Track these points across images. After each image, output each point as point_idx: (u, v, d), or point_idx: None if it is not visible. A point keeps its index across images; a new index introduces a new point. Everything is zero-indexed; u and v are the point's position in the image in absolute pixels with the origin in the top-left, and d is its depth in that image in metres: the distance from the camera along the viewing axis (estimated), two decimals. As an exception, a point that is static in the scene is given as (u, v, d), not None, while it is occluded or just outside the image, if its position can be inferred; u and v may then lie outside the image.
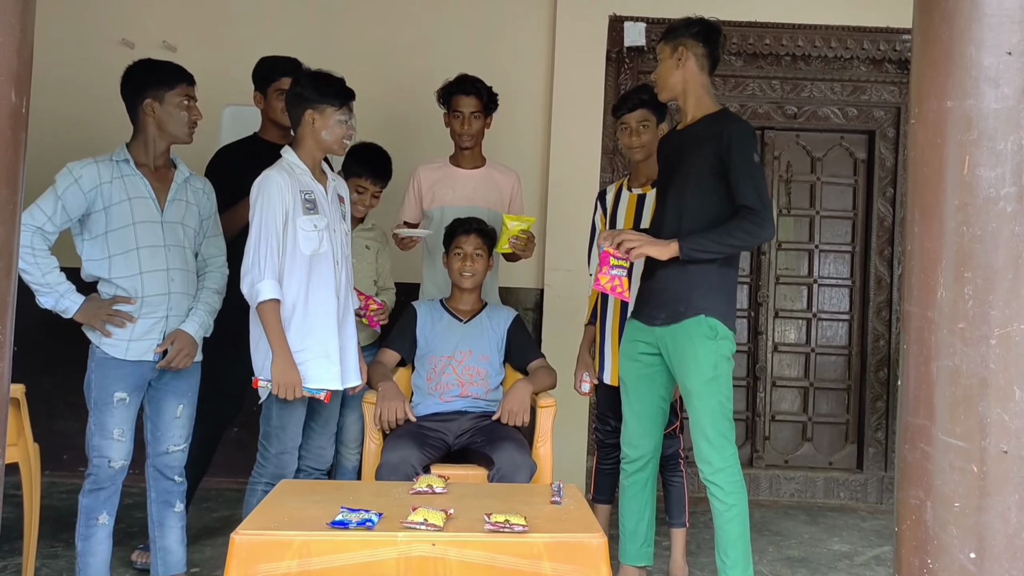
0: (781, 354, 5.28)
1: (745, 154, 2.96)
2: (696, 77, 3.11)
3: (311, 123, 3.06)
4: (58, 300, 2.93)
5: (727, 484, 2.99)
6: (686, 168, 3.07)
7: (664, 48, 3.16)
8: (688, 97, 3.14)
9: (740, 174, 2.94)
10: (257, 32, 4.93)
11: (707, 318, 2.99)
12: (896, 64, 5.08)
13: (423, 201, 3.93)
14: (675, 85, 3.14)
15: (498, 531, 2.25)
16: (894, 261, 5.15)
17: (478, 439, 3.31)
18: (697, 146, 3.05)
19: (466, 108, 3.85)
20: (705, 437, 2.99)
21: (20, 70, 1.59)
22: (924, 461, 1.67)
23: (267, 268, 2.93)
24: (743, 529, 3.02)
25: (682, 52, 3.09)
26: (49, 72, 4.60)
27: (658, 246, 2.94)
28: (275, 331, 2.94)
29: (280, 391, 2.95)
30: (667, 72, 3.14)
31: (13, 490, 3.16)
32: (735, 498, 3.00)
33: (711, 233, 2.93)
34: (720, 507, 3.01)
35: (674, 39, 3.12)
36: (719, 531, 3.04)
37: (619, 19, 4.96)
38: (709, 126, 3.06)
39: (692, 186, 3.05)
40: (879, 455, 5.16)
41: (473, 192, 3.89)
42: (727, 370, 3.03)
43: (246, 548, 2.21)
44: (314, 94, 3.05)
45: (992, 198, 1.60)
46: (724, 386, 3.01)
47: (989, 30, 1.62)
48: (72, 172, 2.96)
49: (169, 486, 3.17)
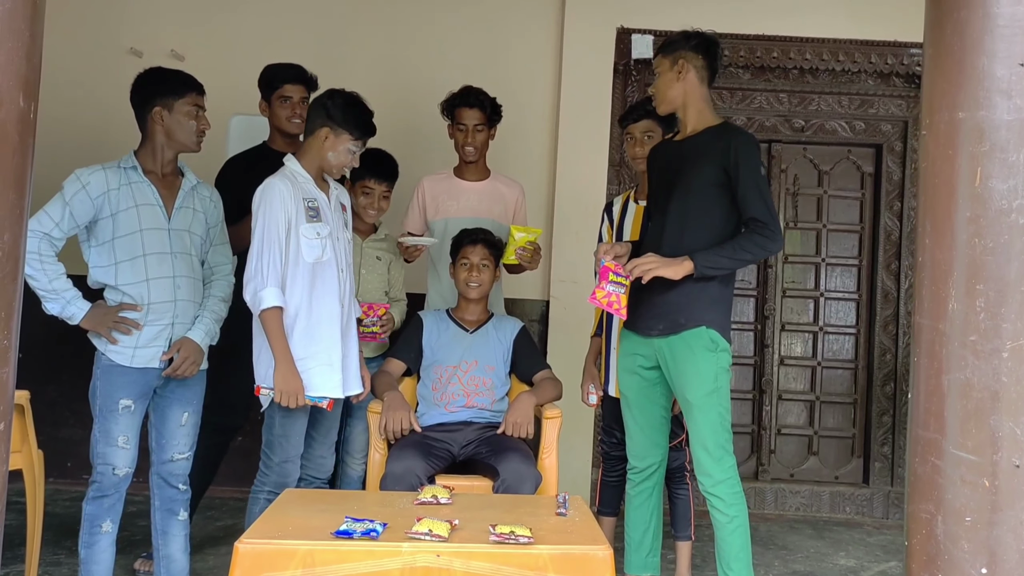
0: (787, 367, 5.27)
1: (752, 167, 2.95)
2: (696, 89, 3.11)
3: (323, 139, 3.06)
4: (64, 306, 2.93)
5: (728, 496, 2.97)
6: (687, 180, 3.06)
7: (663, 61, 3.14)
8: (688, 109, 3.12)
9: (748, 187, 2.93)
10: (265, 42, 4.93)
11: (708, 329, 2.98)
12: (904, 78, 5.08)
13: (427, 212, 3.91)
14: (675, 98, 3.12)
15: (503, 542, 2.24)
16: (901, 275, 5.13)
17: (483, 450, 3.30)
18: (700, 158, 3.04)
19: (470, 121, 3.83)
20: (705, 449, 2.98)
21: (29, 76, 1.59)
22: (935, 475, 1.65)
23: (270, 276, 2.93)
24: (744, 541, 3.00)
25: (682, 65, 3.08)
26: (57, 79, 4.61)
27: (672, 266, 2.91)
28: (278, 339, 2.94)
29: (283, 399, 2.94)
30: (667, 85, 3.12)
31: (16, 497, 3.15)
32: (736, 510, 2.98)
33: (723, 248, 2.92)
34: (722, 519, 2.99)
35: (673, 52, 3.11)
36: (721, 543, 3.03)
37: (626, 31, 4.97)
38: (713, 138, 3.05)
39: (695, 198, 3.03)
40: (885, 469, 5.13)
41: (477, 204, 3.87)
42: (726, 382, 3.03)
43: (250, 557, 2.20)
44: (339, 115, 3.05)
45: (1004, 210, 1.59)
46: (724, 398, 3.00)
47: (1001, 41, 1.61)
48: (80, 178, 2.96)
49: (173, 494, 3.16)
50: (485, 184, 3.93)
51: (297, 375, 2.95)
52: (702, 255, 2.91)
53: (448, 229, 3.78)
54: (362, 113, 3.09)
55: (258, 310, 2.94)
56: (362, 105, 3.11)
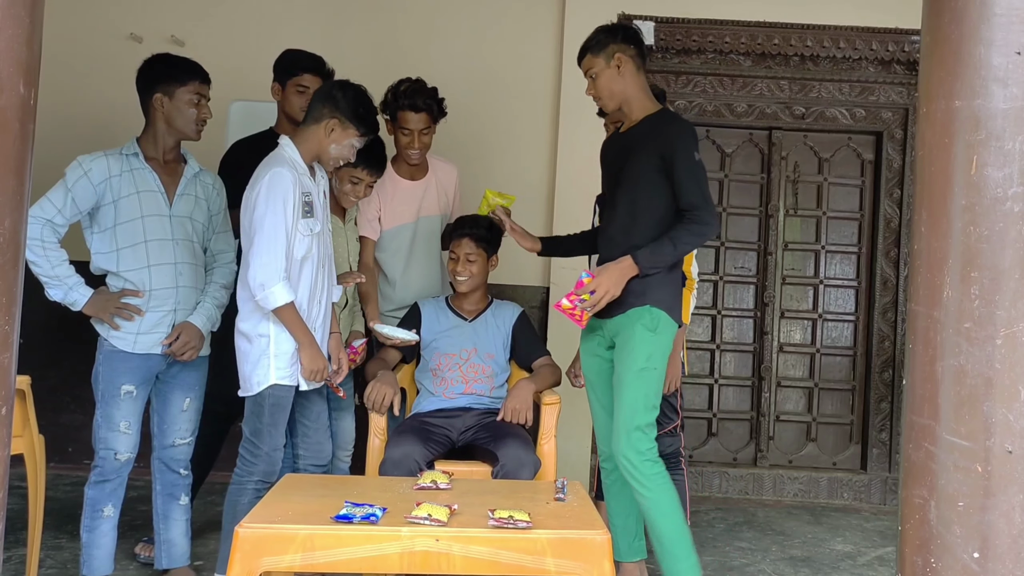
0: (786, 354, 5.28)
1: (686, 154, 2.98)
2: (636, 79, 3.12)
3: (328, 132, 3.00)
4: (67, 293, 2.94)
5: (644, 477, 2.98)
6: (632, 172, 3.09)
7: (595, 60, 3.11)
8: (631, 101, 3.14)
9: (682, 174, 2.97)
10: (265, 27, 4.93)
11: (652, 308, 3.01)
12: (904, 65, 5.07)
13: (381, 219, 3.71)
14: (620, 92, 3.13)
15: (502, 527, 2.25)
16: (900, 262, 5.14)
17: (482, 435, 3.32)
18: (640, 149, 3.08)
19: (416, 125, 3.58)
20: (624, 430, 2.99)
21: (29, 62, 1.60)
22: (928, 460, 1.67)
23: (280, 270, 2.86)
24: (670, 522, 3.00)
25: (619, 58, 3.08)
26: (58, 65, 4.61)
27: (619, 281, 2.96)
28: (298, 327, 2.94)
29: (312, 377, 2.98)
30: (609, 82, 3.11)
31: (18, 482, 3.17)
32: (654, 492, 2.99)
33: (661, 244, 2.97)
34: (641, 501, 3.01)
35: (605, 48, 3.10)
36: (648, 523, 3.06)
37: (628, 18, 4.94)
38: (651, 128, 3.08)
39: (640, 189, 3.07)
40: (883, 456, 5.15)
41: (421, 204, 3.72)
42: (661, 365, 3.04)
43: (250, 541, 2.21)
44: (350, 109, 2.99)
45: (999, 198, 1.60)
46: (654, 381, 3.01)
47: (998, 30, 1.61)
48: (82, 165, 2.97)
49: (174, 479, 3.19)
50: (426, 181, 3.76)
51: (322, 354, 3.01)
52: (643, 256, 2.96)
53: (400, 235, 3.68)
54: (372, 110, 3.07)
55: (271, 307, 2.88)
56: (371, 101, 3.09)
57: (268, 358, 2.93)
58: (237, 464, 3.01)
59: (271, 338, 2.94)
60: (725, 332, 5.28)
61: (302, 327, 2.95)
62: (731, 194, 5.28)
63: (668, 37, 4.98)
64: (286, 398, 2.98)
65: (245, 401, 2.99)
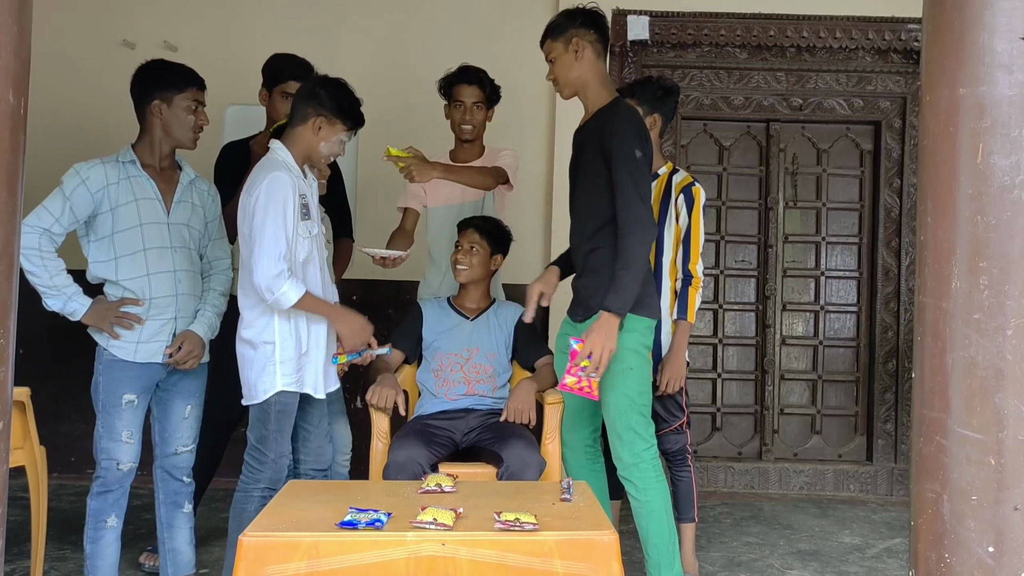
0: (789, 347, 5.26)
1: (623, 151, 2.87)
2: (594, 66, 3.03)
3: (316, 130, 2.95)
4: (66, 303, 2.92)
5: (639, 480, 2.97)
6: (583, 168, 3.04)
7: (554, 45, 3.03)
8: (587, 90, 3.05)
9: (616, 172, 2.88)
10: (259, 31, 4.91)
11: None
12: (902, 54, 5.05)
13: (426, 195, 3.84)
14: (576, 79, 3.03)
15: (508, 530, 2.23)
16: (901, 252, 5.11)
17: (486, 436, 3.30)
18: (588, 146, 3.01)
19: (468, 98, 3.77)
20: (615, 432, 2.97)
21: (18, 71, 1.58)
22: (940, 454, 1.64)
23: (284, 270, 2.82)
24: (661, 526, 2.99)
25: (577, 43, 2.99)
26: (49, 73, 4.59)
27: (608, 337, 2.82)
28: (322, 307, 2.94)
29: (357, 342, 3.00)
30: (566, 68, 3.02)
31: (20, 493, 3.15)
32: (649, 495, 2.97)
33: (618, 278, 2.83)
34: (635, 504, 3.00)
35: (564, 33, 3.01)
36: (638, 528, 3.05)
37: (622, 13, 4.93)
38: (599, 121, 2.99)
39: (591, 186, 2.99)
40: (888, 447, 5.13)
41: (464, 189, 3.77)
42: (639, 363, 2.97)
43: (254, 550, 2.19)
44: (333, 105, 2.95)
45: (1007, 186, 1.58)
46: (635, 380, 2.96)
47: (1002, 15, 1.59)
48: (79, 173, 2.94)
49: (177, 487, 3.17)
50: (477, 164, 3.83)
51: (358, 315, 3.02)
52: (613, 301, 2.83)
53: (443, 217, 3.75)
54: (354, 103, 3.04)
55: (287, 306, 2.84)
56: (353, 94, 3.05)
57: (274, 365, 2.89)
58: (243, 471, 2.98)
59: (276, 345, 2.90)
60: (727, 326, 5.26)
61: (325, 306, 2.96)
62: (730, 187, 5.26)
63: (663, 31, 4.96)
64: (292, 404, 2.95)
65: (249, 408, 2.96)
